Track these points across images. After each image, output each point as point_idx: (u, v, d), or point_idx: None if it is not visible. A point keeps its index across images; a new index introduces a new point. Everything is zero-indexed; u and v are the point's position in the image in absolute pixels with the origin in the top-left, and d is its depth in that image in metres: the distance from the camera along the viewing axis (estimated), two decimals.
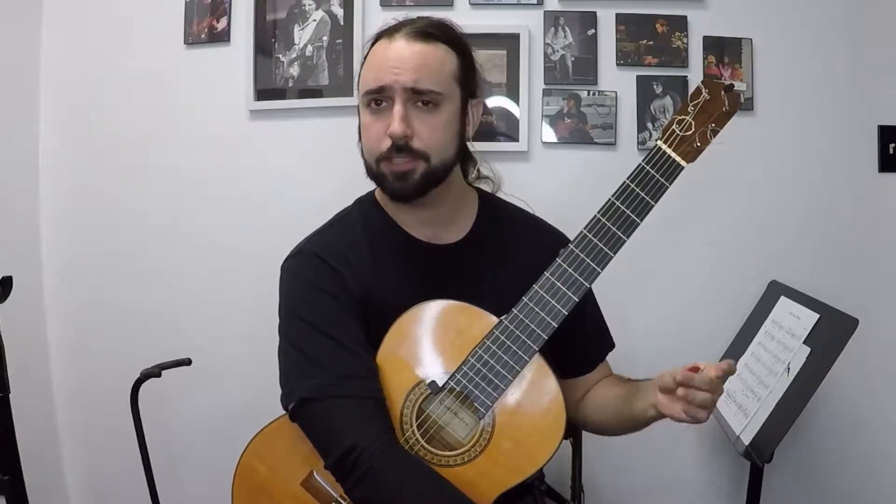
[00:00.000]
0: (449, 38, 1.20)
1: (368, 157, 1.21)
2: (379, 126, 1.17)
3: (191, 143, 2.08)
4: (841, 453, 1.96)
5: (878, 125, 1.94)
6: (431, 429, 1.16)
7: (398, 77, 1.14)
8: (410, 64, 1.14)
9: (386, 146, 1.16)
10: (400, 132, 1.14)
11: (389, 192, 1.21)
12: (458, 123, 1.21)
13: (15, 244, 2.05)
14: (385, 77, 1.15)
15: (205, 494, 2.00)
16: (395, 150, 1.15)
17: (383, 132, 1.16)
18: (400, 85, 1.14)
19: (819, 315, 1.55)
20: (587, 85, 1.98)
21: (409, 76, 1.14)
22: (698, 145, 1.13)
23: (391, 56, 1.16)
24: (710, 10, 1.96)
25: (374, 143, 1.18)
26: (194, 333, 2.07)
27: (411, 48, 1.16)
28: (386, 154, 1.16)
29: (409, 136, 1.15)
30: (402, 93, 1.15)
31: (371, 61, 1.19)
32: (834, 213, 1.96)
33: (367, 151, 1.21)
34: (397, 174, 1.17)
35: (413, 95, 1.15)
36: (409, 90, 1.15)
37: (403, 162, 1.16)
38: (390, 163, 1.17)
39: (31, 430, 1.57)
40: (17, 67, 2.06)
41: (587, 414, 1.33)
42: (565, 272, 1.13)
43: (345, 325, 1.17)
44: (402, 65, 1.14)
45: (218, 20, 2.05)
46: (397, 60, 1.15)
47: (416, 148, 1.16)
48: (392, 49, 1.16)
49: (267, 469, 1.22)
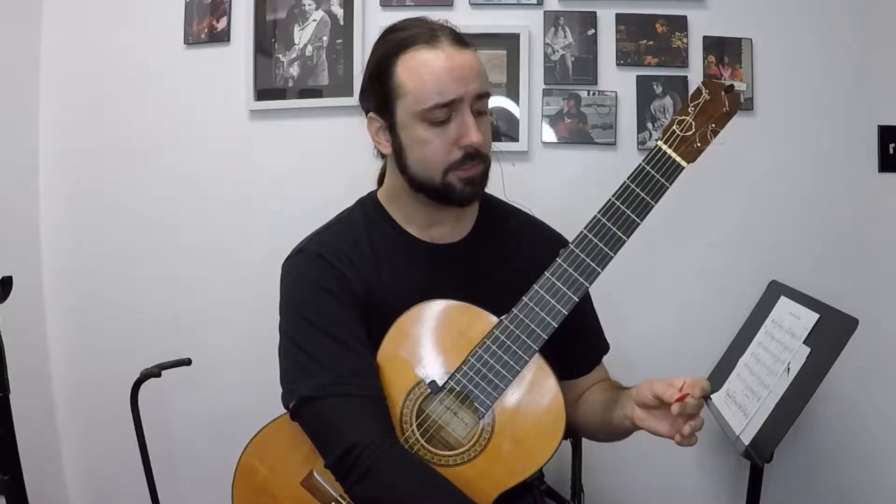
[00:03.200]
0: None
1: (430, 171, 1.17)
2: (444, 138, 1.15)
3: (191, 143, 2.08)
4: (841, 453, 1.96)
5: (878, 125, 1.94)
6: (431, 428, 1.16)
7: (468, 87, 1.13)
8: (472, 73, 1.14)
9: (457, 157, 1.16)
10: (481, 141, 1.15)
11: (457, 200, 1.19)
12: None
13: (15, 244, 2.05)
14: (455, 89, 1.13)
15: (205, 494, 1.99)
16: (469, 158, 1.16)
17: (450, 143, 1.15)
18: (471, 95, 1.14)
19: (819, 315, 1.55)
20: (587, 85, 1.98)
21: (476, 84, 1.14)
22: (699, 146, 1.13)
23: (455, 65, 1.13)
24: (710, 10, 1.96)
25: (441, 155, 1.16)
26: (194, 333, 2.07)
27: (465, 56, 1.15)
28: (458, 164, 1.16)
29: (484, 142, 1.16)
30: (473, 102, 1.15)
31: (424, 73, 1.13)
32: (834, 213, 1.96)
33: (430, 165, 1.17)
34: (468, 180, 1.17)
35: (476, 102, 1.16)
36: (476, 97, 1.15)
37: (476, 167, 1.17)
38: (462, 170, 1.16)
39: (31, 430, 1.57)
40: (17, 67, 2.06)
41: (579, 417, 1.33)
42: (565, 272, 1.13)
43: (346, 324, 1.17)
44: (467, 74, 1.13)
45: (218, 20, 2.05)
46: (462, 70, 1.13)
47: (483, 153, 1.17)
48: (449, 59, 1.13)
49: (267, 469, 1.22)
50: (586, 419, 1.32)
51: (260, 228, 2.05)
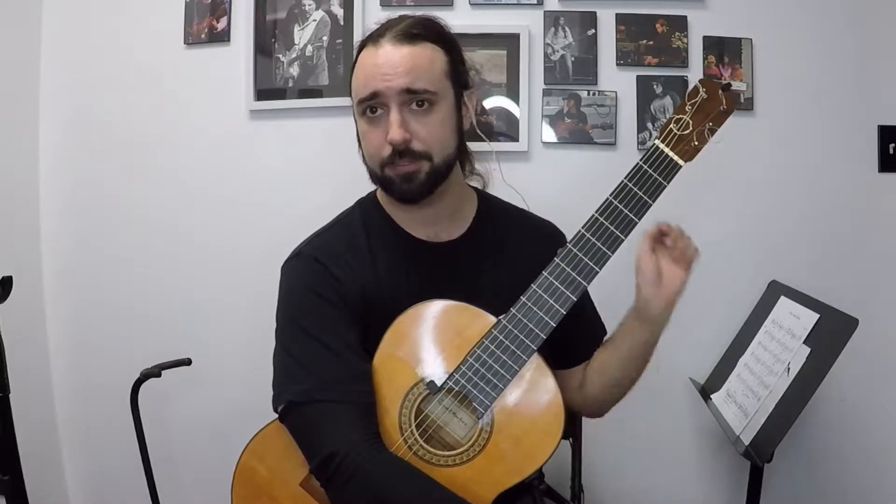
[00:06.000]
0: (434, 35, 1.19)
1: (371, 164, 1.21)
2: (377, 133, 1.17)
3: (191, 143, 2.08)
4: (841, 453, 1.96)
5: (878, 125, 1.94)
6: (430, 429, 1.16)
7: (390, 83, 1.13)
8: (400, 68, 1.14)
9: (387, 152, 1.16)
10: (399, 139, 1.14)
11: (398, 196, 1.20)
12: (455, 119, 1.21)
13: (15, 244, 2.05)
14: (376, 84, 1.14)
15: (205, 494, 1.99)
16: (398, 155, 1.16)
17: (383, 139, 1.16)
18: (393, 91, 1.14)
19: (819, 315, 1.55)
20: (587, 85, 1.98)
21: (401, 80, 1.13)
22: (696, 144, 1.13)
23: (380, 62, 1.15)
24: (710, 10, 1.96)
25: (375, 150, 1.18)
26: (194, 333, 2.07)
27: (399, 52, 1.15)
28: (388, 159, 1.17)
29: (408, 140, 1.15)
30: (396, 98, 1.14)
31: (360, 69, 1.18)
32: (834, 212, 1.96)
33: (369, 158, 1.21)
34: (403, 176, 1.17)
35: (408, 98, 1.15)
36: (404, 93, 1.14)
37: (407, 164, 1.16)
38: (394, 167, 1.17)
39: (31, 430, 1.57)
40: (17, 67, 2.06)
41: (587, 395, 1.31)
42: (563, 272, 1.13)
43: (337, 330, 1.17)
44: (392, 70, 1.14)
45: (218, 20, 2.05)
46: (387, 66, 1.14)
47: (418, 150, 1.16)
48: (380, 55, 1.15)
49: (266, 469, 1.22)
50: (594, 389, 1.30)
51: (260, 228, 2.05)
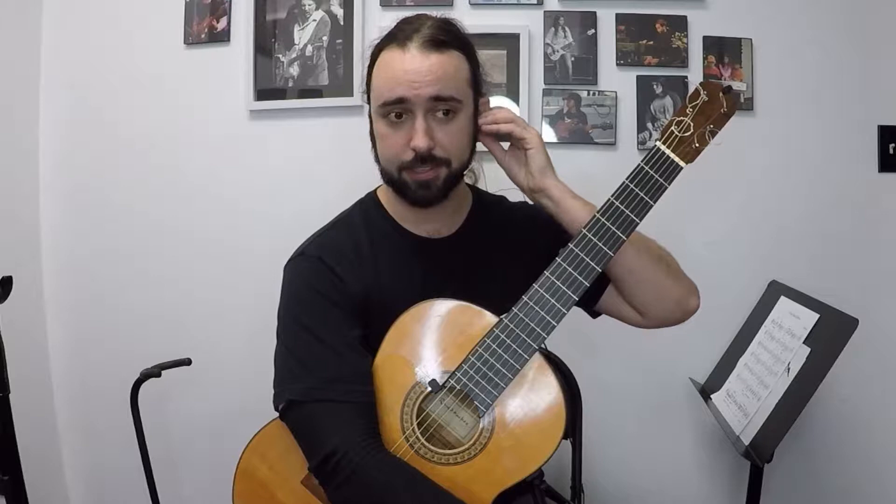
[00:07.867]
0: (458, 42, 1.19)
1: (387, 166, 1.20)
2: (399, 137, 1.16)
3: (191, 143, 2.08)
4: (841, 453, 1.96)
5: (878, 125, 1.95)
6: (431, 427, 1.16)
7: (418, 91, 1.13)
8: (429, 77, 1.13)
9: (408, 157, 1.16)
10: (425, 146, 1.14)
11: (412, 200, 1.20)
12: (472, 126, 1.22)
13: (15, 244, 2.05)
14: (403, 90, 1.13)
15: (205, 494, 2.00)
16: (420, 161, 1.16)
17: (404, 143, 1.16)
18: (422, 99, 1.13)
19: (819, 315, 1.55)
20: (587, 85, 1.98)
21: (429, 89, 1.13)
22: (697, 146, 1.14)
23: (408, 68, 1.14)
24: (710, 10, 1.97)
25: (394, 153, 1.18)
26: (194, 333, 2.07)
27: (428, 59, 1.14)
28: (408, 164, 1.17)
29: (432, 147, 1.15)
30: (423, 105, 1.14)
31: (384, 70, 1.17)
32: (834, 212, 1.97)
33: (387, 161, 1.20)
34: (421, 183, 1.17)
35: (433, 105, 1.15)
36: (431, 101, 1.14)
37: (427, 171, 1.16)
38: (413, 172, 1.17)
39: (31, 430, 1.57)
40: (17, 67, 2.06)
41: (627, 298, 1.29)
42: (565, 271, 1.13)
43: (338, 330, 1.17)
44: (421, 78, 1.13)
45: (218, 20, 2.05)
46: (416, 73, 1.13)
47: (439, 156, 1.16)
48: (407, 60, 1.14)
49: (267, 468, 1.22)
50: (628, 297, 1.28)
51: (259, 228, 2.05)
